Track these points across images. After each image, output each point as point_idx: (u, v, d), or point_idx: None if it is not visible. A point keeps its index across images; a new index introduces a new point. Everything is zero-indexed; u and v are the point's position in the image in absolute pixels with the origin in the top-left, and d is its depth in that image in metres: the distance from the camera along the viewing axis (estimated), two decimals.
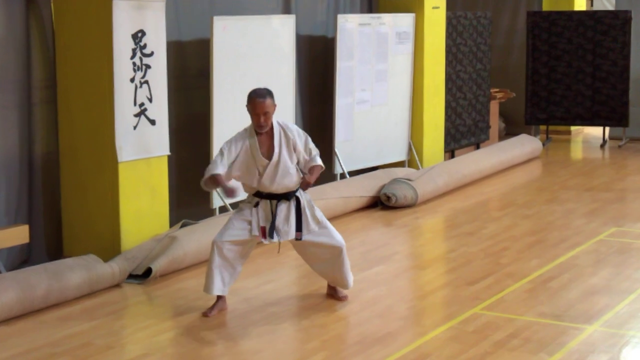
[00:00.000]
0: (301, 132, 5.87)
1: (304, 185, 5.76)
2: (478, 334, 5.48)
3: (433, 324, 5.74)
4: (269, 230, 5.75)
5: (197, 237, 7.00)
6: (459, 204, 9.55)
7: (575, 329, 5.58)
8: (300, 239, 5.85)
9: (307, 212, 5.84)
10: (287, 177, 5.77)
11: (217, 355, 5.27)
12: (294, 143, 5.76)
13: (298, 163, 5.81)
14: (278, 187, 5.76)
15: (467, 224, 8.55)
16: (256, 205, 5.79)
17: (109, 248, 6.90)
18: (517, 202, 9.53)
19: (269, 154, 5.74)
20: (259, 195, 5.81)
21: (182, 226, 7.26)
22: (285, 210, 5.80)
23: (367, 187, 9.25)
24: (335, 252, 5.96)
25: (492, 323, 5.67)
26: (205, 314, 5.85)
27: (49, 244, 7.09)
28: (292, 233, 5.82)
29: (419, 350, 5.24)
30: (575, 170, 11.49)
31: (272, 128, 5.74)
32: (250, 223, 5.78)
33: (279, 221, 5.78)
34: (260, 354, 5.21)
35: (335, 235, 5.97)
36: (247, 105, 5.70)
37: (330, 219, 8.45)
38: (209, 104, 7.90)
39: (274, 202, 5.78)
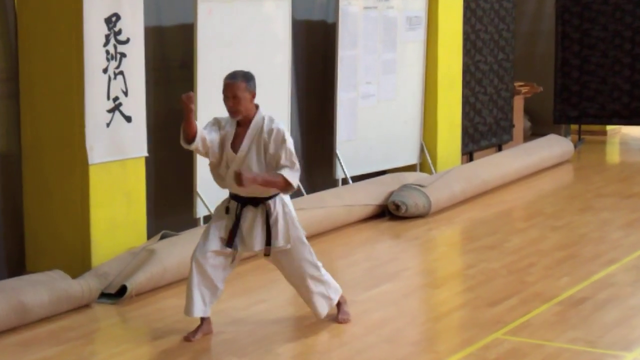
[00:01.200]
0: (283, 136, 5.77)
1: (235, 178, 5.61)
2: None
3: (449, 350, 5.77)
4: (228, 239, 5.82)
5: (179, 250, 7.03)
6: (478, 213, 9.59)
7: (613, 357, 5.61)
8: (268, 255, 5.92)
9: (278, 225, 5.85)
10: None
11: None
12: (265, 144, 5.77)
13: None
14: (242, 190, 5.81)
15: (488, 236, 8.58)
16: (227, 208, 5.89)
17: (78, 263, 6.92)
18: (545, 211, 9.58)
19: (238, 149, 5.80)
20: (231, 195, 5.91)
21: (161, 238, 7.29)
22: (251, 219, 5.85)
23: (372, 194, 9.29)
24: (301, 278, 6.03)
25: (517, 350, 5.70)
26: (187, 338, 5.88)
27: (9, 258, 7.10)
28: (256, 245, 5.86)
29: None
30: (611, 176, 11.53)
31: (251, 120, 5.80)
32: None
33: (243, 229, 5.83)
34: None
35: (301, 261, 5.96)
36: None
37: (331, 230, 8.52)
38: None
39: (240, 205, 5.85)
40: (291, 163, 5.80)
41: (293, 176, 5.78)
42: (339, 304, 6.24)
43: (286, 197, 5.95)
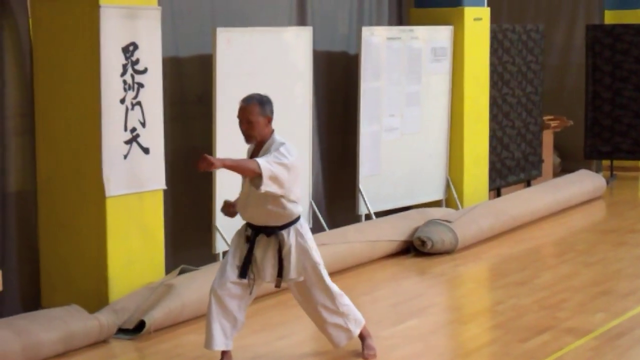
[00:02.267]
0: (283, 145, 5.78)
1: (201, 162, 5.50)
2: None
3: None
4: (241, 268, 5.88)
5: (198, 285, 7.09)
6: (506, 250, 9.63)
7: None
8: (278, 287, 6.00)
9: (291, 257, 5.90)
10: (264, 210, 5.84)
11: None
12: None
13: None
14: (252, 218, 5.90)
15: (517, 272, 8.62)
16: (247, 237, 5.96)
17: (95, 298, 7.00)
18: (577, 247, 9.61)
19: None
20: (247, 223, 6.00)
21: (180, 273, 7.37)
22: (263, 248, 5.92)
23: (397, 229, 9.35)
24: (316, 309, 6.10)
25: None
26: None
27: (24, 294, 7.18)
28: (266, 276, 5.92)
29: None
30: None
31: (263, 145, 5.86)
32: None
33: (257, 259, 5.90)
34: None
35: (316, 292, 6.04)
36: None
37: (355, 267, 8.57)
38: (210, 130, 8.04)
39: (253, 233, 5.92)
40: (269, 160, 5.65)
41: (267, 168, 5.59)
42: (363, 338, 6.28)
43: (303, 227, 5.98)
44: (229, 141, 8.00)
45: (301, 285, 6.05)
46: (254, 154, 5.91)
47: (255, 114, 5.80)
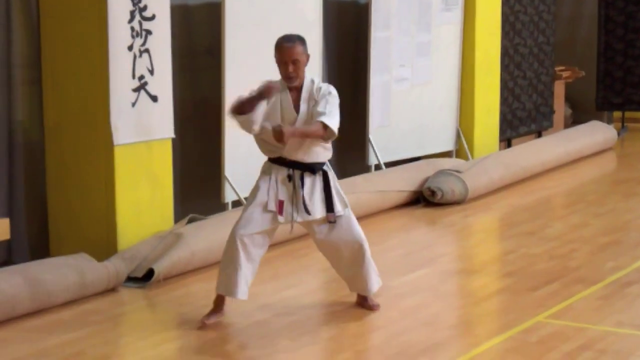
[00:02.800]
0: (329, 88, 5.77)
1: (275, 134, 5.51)
2: (543, 344, 5.52)
3: (488, 333, 5.80)
4: (304, 207, 5.82)
5: (206, 234, 7.08)
6: (517, 200, 9.59)
7: None
8: (334, 222, 5.91)
9: (334, 191, 5.91)
10: (317, 148, 5.83)
11: None
12: (316, 104, 5.73)
13: None
14: (304, 156, 5.81)
15: (528, 222, 8.59)
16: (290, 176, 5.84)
17: (103, 246, 6.98)
18: (588, 198, 9.57)
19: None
20: (281, 162, 5.86)
21: (189, 222, 7.35)
22: (310, 185, 5.87)
23: (407, 180, 9.31)
24: (355, 247, 6.02)
25: (560, 333, 5.71)
26: (202, 323, 5.88)
27: (32, 242, 7.19)
28: (317, 212, 5.87)
29: None
30: None
31: (302, 84, 5.79)
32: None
33: (303, 197, 5.83)
34: None
35: (356, 226, 6.03)
36: (274, 56, 5.77)
37: (365, 216, 8.54)
38: (219, 79, 7.98)
39: (298, 172, 5.84)
40: (329, 111, 5.68)
41: (332, 122, 5.67)
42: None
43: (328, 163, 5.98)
44: (238, 91, 7.90)
45: (340, 225, 5.94)
46: (294, 97, 5.76)
47: (300, 53, 5.72)
